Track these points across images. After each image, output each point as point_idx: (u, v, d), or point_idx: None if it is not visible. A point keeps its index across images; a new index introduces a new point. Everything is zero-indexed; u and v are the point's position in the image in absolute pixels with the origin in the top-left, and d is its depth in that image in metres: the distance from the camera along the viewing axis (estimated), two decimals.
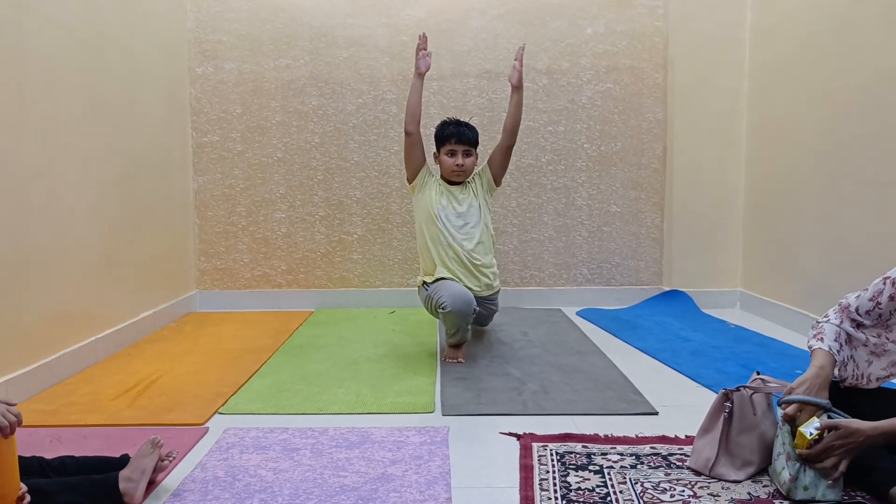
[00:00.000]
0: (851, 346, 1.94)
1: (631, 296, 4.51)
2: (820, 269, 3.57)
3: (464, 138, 3.31)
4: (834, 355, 1.90)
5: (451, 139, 3.31)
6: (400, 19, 4.40)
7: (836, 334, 1.93)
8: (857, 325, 1.94)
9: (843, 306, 1.97)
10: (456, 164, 3.30)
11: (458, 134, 3.31)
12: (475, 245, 3.29)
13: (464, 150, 3.31)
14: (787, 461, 1.82)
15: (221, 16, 4.38)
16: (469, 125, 3.38)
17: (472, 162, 3.36)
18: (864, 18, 3.20)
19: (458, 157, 3.30)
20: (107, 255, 3.37)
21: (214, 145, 4.46)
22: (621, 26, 4.40)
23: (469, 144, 3.33)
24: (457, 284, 3.18)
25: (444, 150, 3.33)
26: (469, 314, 3.12)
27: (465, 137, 3.32)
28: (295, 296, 4.52)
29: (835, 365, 1.89)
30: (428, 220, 3.30)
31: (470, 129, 3.36)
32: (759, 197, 4.24)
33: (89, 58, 3.23)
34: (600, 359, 3.25)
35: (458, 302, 3.07)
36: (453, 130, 3.32)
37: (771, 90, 4.07)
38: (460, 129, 3.33)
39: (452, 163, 3.31)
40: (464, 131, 3.32)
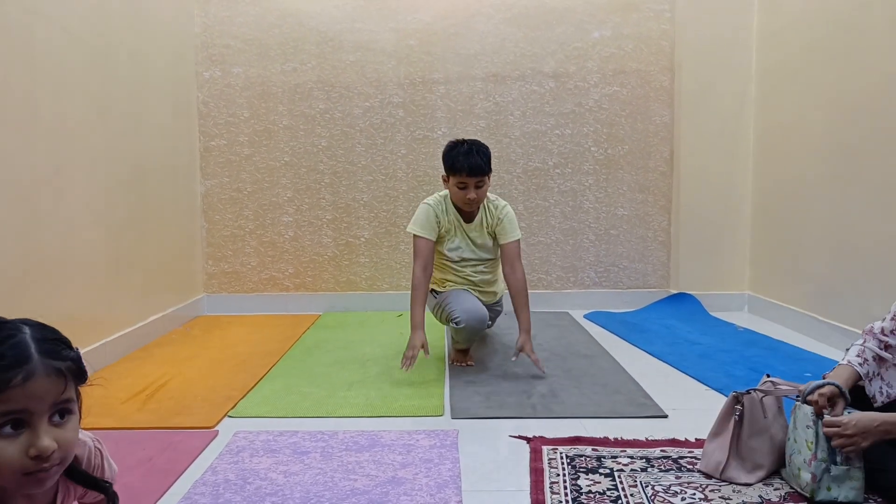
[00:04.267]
0: (880, 366, 1.95)
1: (639, 299, 4.51)
2: (828, 272, 3.56)
3: (476, 170, 2.97)
4: (854, 367, 1.91)
5: (462, 172, 2.97)
6: (406, 23, 4.41)
7: (858, 352, 1.96)
8: (885, 346, 1.95)
9: (866, 330, 2.01)
10: (468, 197, 3.01)
11: (470, 167, 2.96)
12: (484, 277, 3.32)
13: (476, 181, 3.00)
14: (809, 462, 1.82)
15: (229, 20, 4.40)
16: (481, 150, 3.02)
17: (485, 190, 3.06)
18: (870, 22, 3.20)
19: (469, 190, 3.00)
20: (115, 259, 3.38)
21: (222, 149, 4.47)
22: (628, 30, 4.41)
23: (482, 175, 3.00)
24: (470, 297, 3.18)
25: (455, 181, 3.02)
26: (482, 330, 3.15)
27: (478, 169, 2.97)
28: (302, 299, 4.52)
29: (856, 375, 1.91)
30: (440, 252, 3.23)
31: (482, 155, 3.00)
32: (766, 199, 4.23)
33: (98, 63, 3.24)
34: (609, 362, 3.25)
35: (472, 319, 3.06)
36: (464, 163, 2.96)
37: (778, 93, 4.07)
38: (471, 160, 2.96)
39: (464, 195, 3.01)
40: (475, 162, 2.96)
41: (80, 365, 1.12)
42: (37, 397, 1.04)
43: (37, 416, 1.04)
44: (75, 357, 1.12)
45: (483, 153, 3.02)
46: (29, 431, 1.03)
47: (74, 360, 1.12)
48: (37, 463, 1.03)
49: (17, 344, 1.06)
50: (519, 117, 4.45)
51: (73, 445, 1.08)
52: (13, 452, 1.02)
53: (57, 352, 1.10)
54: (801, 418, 1.87)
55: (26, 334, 1.09)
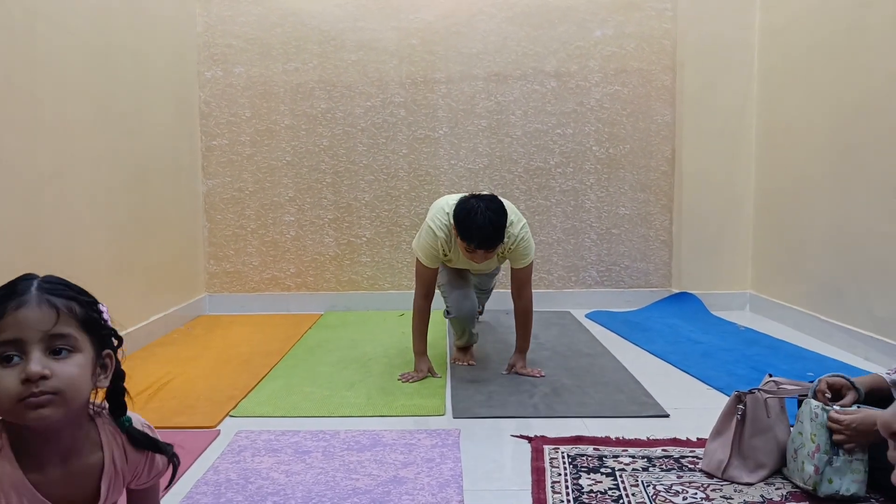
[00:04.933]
0: None
1: (640, 298, 4.51)
2: (830, 271, 3.56)
3: (488, 244, 2.71)
4: (882, 376, 1.92)
5: (473, 242, 2.70)
6: (409, 22, 4.40)
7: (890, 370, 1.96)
8: None
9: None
10: (475, 259, 2.81)
11: (482, 241, 2.69)
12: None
13: (486, 250, 2.74)
14: (812, 454, 1.82)
15: (231, 20, 4.40)
16: (497, 224, 2.69)
17: (495, 250, 2.79)
18: (873, 21, 3.19)
19: (477, 255, 2.76)
20: (117, 259, 3.38)
21: (223, 149, 4.47)
22: (630, 29, 4.40)
23: (494, 246, 2.74)
24: (462, 289, 3.18)
25: (464, 246, 2.76)
26: (472, 318, 3.18)
27: (490, 243, 2.71)
28: (304, 299, 4.52)
29: (881, 381, 1.91)
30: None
31: (496, 228, 2.69)
32: (768, 198, 4.23)
33: (100, 63, 3.24)
34: (610, 361, 3.25)
35: (462, 311, 3.13)
36: (475, 237, 2.68)
37: (780, 92, 4.06)
38: (483, 233, 2.67)
39: (471, 256, 2.79)
40: (488, 237, 2.68)
41: (91, 312, 1.19)
42: (27, 326, 1.10)
43: (29, 344, 1.09)
44: (87, 302, 1.20)
45: (499, 226, 2.70)
46: (23, 361, 1.09)
47: (84, 304, 1.19)
48: (27, 387, 1.07)
49: (20, 282, 1.17)
50: (520, 116, 4.45)
51: (73, 381, 1.12)
52: (10, 380, 1.08)
53: (56, 290, 1.17)
54: (806, 411, 1.87)
55: (36, 278, 1.18)
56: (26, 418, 1.09)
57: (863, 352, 3.26)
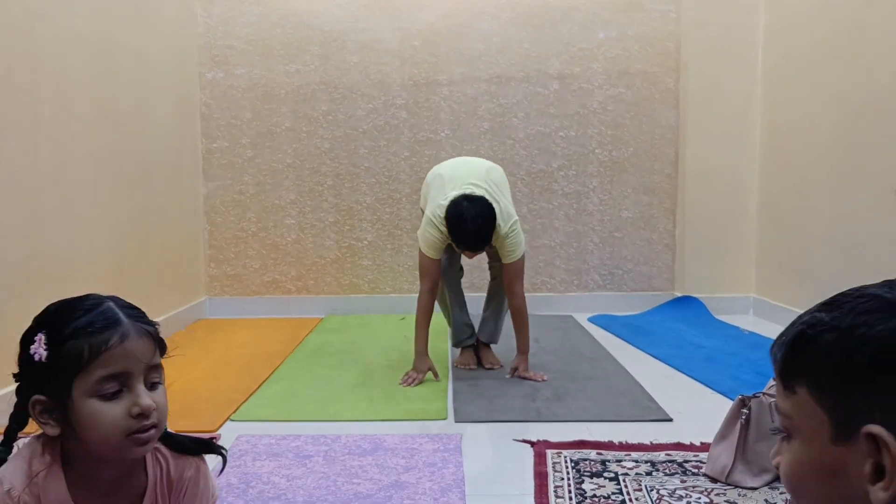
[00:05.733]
0: None
1: (643, 302, 4.48)
2: (835, 275, 3.53)
3: (477, 247, 2.87)
4: None
5: (461, 245, 2.87)
6: (411, 23, 4.39)
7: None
8: None
9: None
10: (466, 256, 3.00)
11: (470, 245, 2.85)
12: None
13: (475, 252, 2.92)
14: None
15: (232, 21, 4.39)
16: (484, 229, 2.80)
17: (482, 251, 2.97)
18: (876, 22, 3.18)
19: (467, 253, 2.95)
20: (117, 262, 3.37)
21: (224, 151, 4.46)
22: (633, 30, 4.38)
23: (483, 249, 2.91)
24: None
25: (457, 245, 2.90)
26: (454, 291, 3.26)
27: (479, 247, 2.87)
28: (305, 302, 4.51)
29: None
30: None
31: (484, 232, 2.81)
32: (772, 201, 4.21)
33: (101, 64, 3.23)
34: (613, 365, 3.23)
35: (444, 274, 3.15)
36: (466, 241, 2.83)
37: (784, 94, 4.05)
38: (472, 239, 2.81)
39: (462, 255, 3.02)
40: (477, 242, 2.83)
41: (159, 335, 1.16)
42: (134, 357, 1.07)
43: (134, 377, 1.07)
44: (156, 326, 1.17)
45: (487, 230, 2.81)
46: (129, 393, 1.06)
47: (156, 328, 1.16)
48: (139, 421, 1.06)
49: (106, 310, 1.10)
50: (523, 119, 4.43)
51: (166, 411, 1.11)
52: (118, 413, 1.05)
53: (142, 317, 1.14)
54: None
55: (110, 303, 1.13)
56: (131, 452, 1.09)
57: None
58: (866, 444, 0.62)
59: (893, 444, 0.60)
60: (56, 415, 1.07)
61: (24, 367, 1.09)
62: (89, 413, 1.05)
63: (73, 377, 1.05)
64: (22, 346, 1.10)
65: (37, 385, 1.08)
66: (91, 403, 1.05)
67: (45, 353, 1.05)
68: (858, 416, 0.63)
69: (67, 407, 1.06)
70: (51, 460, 1.10)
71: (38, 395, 1.07)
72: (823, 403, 0.67)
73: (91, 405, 1.05)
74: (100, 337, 1.06)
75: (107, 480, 1.14)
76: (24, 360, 1.09)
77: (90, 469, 1.12)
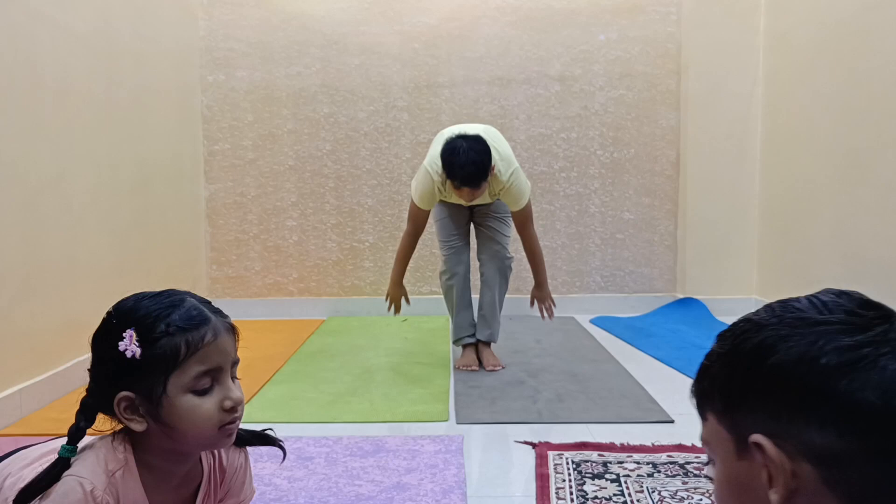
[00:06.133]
0: None
1: (645, 303, 4.48)
2: (836, 277, 3.53)
3: (471, 182, 2.83)
4: None
5: (456, 181, 2.85)
6: (412, 26, 4.39)
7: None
8: None
9: None
10: (463, 197, 2.94)
11: (464, 178, 2.82)
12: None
13: (471, 188, 2.86)
14: None
15: (233, 24, 4.39)
16: (479, 161, 2.81)
17: (483, 188, 2.90)
18: (877, 24, 3.17)
19: (464, 193, 2.89)
20: (119, 264, 3.37)
21: (226, 153, 4.46)
22: (634, 32, 4.39)
23: (477, 186, 2.86)
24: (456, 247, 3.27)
25: (450, 183, 2.90)
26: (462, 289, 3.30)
27: (473, 181, 2.83)
28: (306, 304, 4.51)
29: None
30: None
31: (479, 167, 2.80)
32: (774, 203, 4.20)
33: (102, 67, 3.23)
34: (615, 367, 3.23)
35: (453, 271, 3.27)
36: (458, 174, 2.82)
37: (785, 96, 4.04)
38: (466, 171, 2.80)
39: (459, 194, 2.92)
40: (471, 174, 2.80)
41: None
42: (225, 352, 1.12)
43: (224, 371, 1.11)
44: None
45: (482, 165, 2.81)
46: (219, 387, 1.10)
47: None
48: (230, 414, 1.10)
49: (194, 306, 1.12)
50: (524, 121, 4.43)
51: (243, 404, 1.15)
52: (211, 407, 1.08)
53: (222, 312, 1.17)
54: None
55: (192, 298, 1.15)
56: (220, 444, 1.13)
57: None
58: (758, 454, 0.67)
59: (772, 450, 0.66)
60: (144, 410, 1.08)
61: (107, 364, 1.09)
62: (187, 408, 1.07)
63: (168, 374, 1.06)
64: (100, 344, 1.11)
65: (122, 382, 1.08)
66: (188, 399, 1.07)
67: (139, 350, 1.06)
68: (747, 428, 0.69)
69: (160, 403, 1.07)
70: (125, 458, 1.10)
71: (126, 392, 1.08)
72: (724, 423, 0.73)
73: (188, 400, 1.07)
74: (195, 334, 1.08)
75: (179, 475, 1.16)
76: (107, 358, 1.08)
77: (165, 464, 1.13)
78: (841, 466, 0.64)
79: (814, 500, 0.65)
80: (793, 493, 0.66)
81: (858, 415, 0.63)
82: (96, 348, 1.12)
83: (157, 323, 1.07)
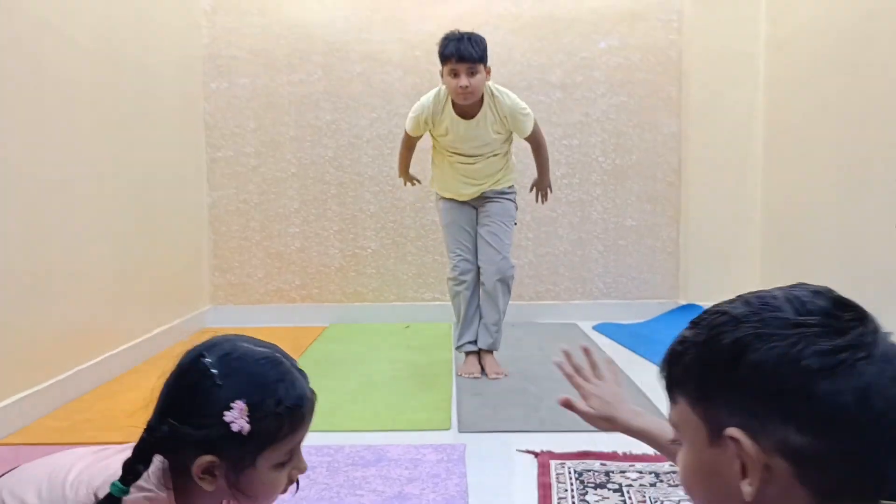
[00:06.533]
0: None
1: (647, 310, 4.48)
2: (839, 284, 3.48)
3: (465, 56, 2.88)
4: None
5: (452, 58, 2.90)
6: (414, 34, 4.40)
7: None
8: None
9: None
10: (459, 85, 2.91)
11: (459, 52, 2.88)
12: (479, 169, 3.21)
13: (467, 68, 2.89)
14: None
15: (236, 31, 4.41)
16: (474, 38, 2.94)
17: (480, 80, 2.95)
18: (877, 32, 3.17)
19: (461, 77, 2.90)
20: (121, 271, 3.37)
21: (228, 160, 4.47)
22: (635, 39, 4.39)
23: (472, 62, 2.90)
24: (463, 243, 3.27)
25: (447, 70, 2.95)
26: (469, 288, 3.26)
27: (467, 55, 2.88)
28: (309, 310, 4.51)
29: None
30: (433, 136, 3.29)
31: (475, 42, 2.91)
32: (776, 210, 4.20)
33: (105, 75, 3.24)
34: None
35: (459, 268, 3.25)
36: (453, 48, 2.90)
37: (786, 103, 4.04)
38: (461, 44, 2.89)
39: (456, 84, 2.92)
40: (465, 48, 2.88)
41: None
42: (308, 427, 1.12)
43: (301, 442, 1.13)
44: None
45: (477, 42, 2.94)
46: (294, 457, 1.12)
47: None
48: (293, 479, 1.12)
49: (297, 379, 1.11)
50: None
51: None
52: (284, 477, 1.10)
53: (306, 375, 1.16)
54: None
55: (289, 364, 1.13)
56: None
57: None
58: (732, 445, 0.69)
59: (747, 444, 0.67)
60: (221, 473, 1.03)
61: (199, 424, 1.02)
62: (269, 481, 1.07)
63: (263, 449, 1.04)
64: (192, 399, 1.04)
65: (210, 445, 1.01)
66: (272, 473, 1.07)
67: (248, 428, 1.01)
68: (723, 420, 0.70)
69: (244, 473, 1.03)
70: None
71: (211, 458, 1.02)
72: (697, 411, 0.74)
73: (271, 474, 1.07)
74: (298, 413, 1.07)
75: None
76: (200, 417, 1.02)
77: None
78: (814, 464, 0.67)
79: (784, 493, 0.68)
80: (764, 484, 0.68)
81: (836, 417, 0.66)
82: (183, 401, 1.05)
83: (268, 399, 1.03)
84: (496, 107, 3.05)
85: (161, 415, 1.06)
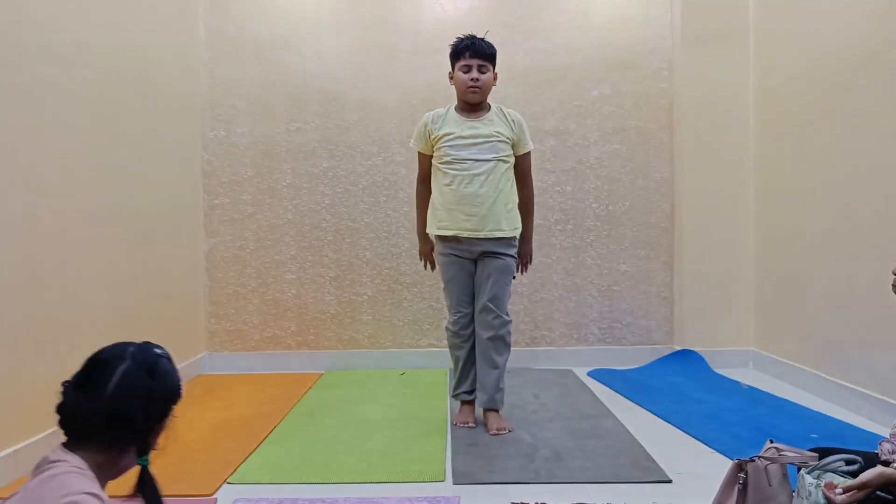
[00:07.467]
0: None
1: (642, 355, 4.48)
2: (832, 329, 3.54)
3: (479, 51, 3.11)
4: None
5: (465, 53, 3.12)
6: (410, 83, 4.48)
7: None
8: None
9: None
10: (471, 79, 3.10)
11: (473, 46, 3.11)
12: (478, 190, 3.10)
13: (479, 64, 3.11)
14: None
15: (234, 82, 4.47)
16: (486, 40, 3.16)
17: (489, 79, 3.14)
18: (865, 81, 3.24)
19: (472, 71, 3.10)
20: (117, 316, 3.38)
21: (226, 207, 4.50)
22: (627, 87, 4.47)
23: (485, 59, 3.12)
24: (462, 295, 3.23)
25: (459, 66, 3.15)
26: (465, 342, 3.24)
27: (481, 50, 3.11)
28: (305, 357, 4.50)
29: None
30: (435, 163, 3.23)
31: (487, 43, 3.15)
32: (769, 255, 4.23)
33: (105, 127, 3.29)
34: (613, 423, 3.22)
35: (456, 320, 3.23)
36: (468, 43, 3.12)
37: (777, 150, 4.10)
38: (475, 41, 3.12)
39: (467, 78, 3.11)
40: (479, 44, 3.12)
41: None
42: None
43: None
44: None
45: (489, 43, 3.15)
46: None
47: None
48: None
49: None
50: None
51: None
52: None
53: None
54: (802, 486, 1.84)
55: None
56: None
57: (867, 412, 3.23)
58: None
59: None
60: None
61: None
62: None
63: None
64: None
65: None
66: None
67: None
68: None
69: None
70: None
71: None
72: None
73: None
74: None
75: None
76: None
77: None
78: None
79: None
80: None
81: None
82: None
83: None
84: (504, 114, 3.21)
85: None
